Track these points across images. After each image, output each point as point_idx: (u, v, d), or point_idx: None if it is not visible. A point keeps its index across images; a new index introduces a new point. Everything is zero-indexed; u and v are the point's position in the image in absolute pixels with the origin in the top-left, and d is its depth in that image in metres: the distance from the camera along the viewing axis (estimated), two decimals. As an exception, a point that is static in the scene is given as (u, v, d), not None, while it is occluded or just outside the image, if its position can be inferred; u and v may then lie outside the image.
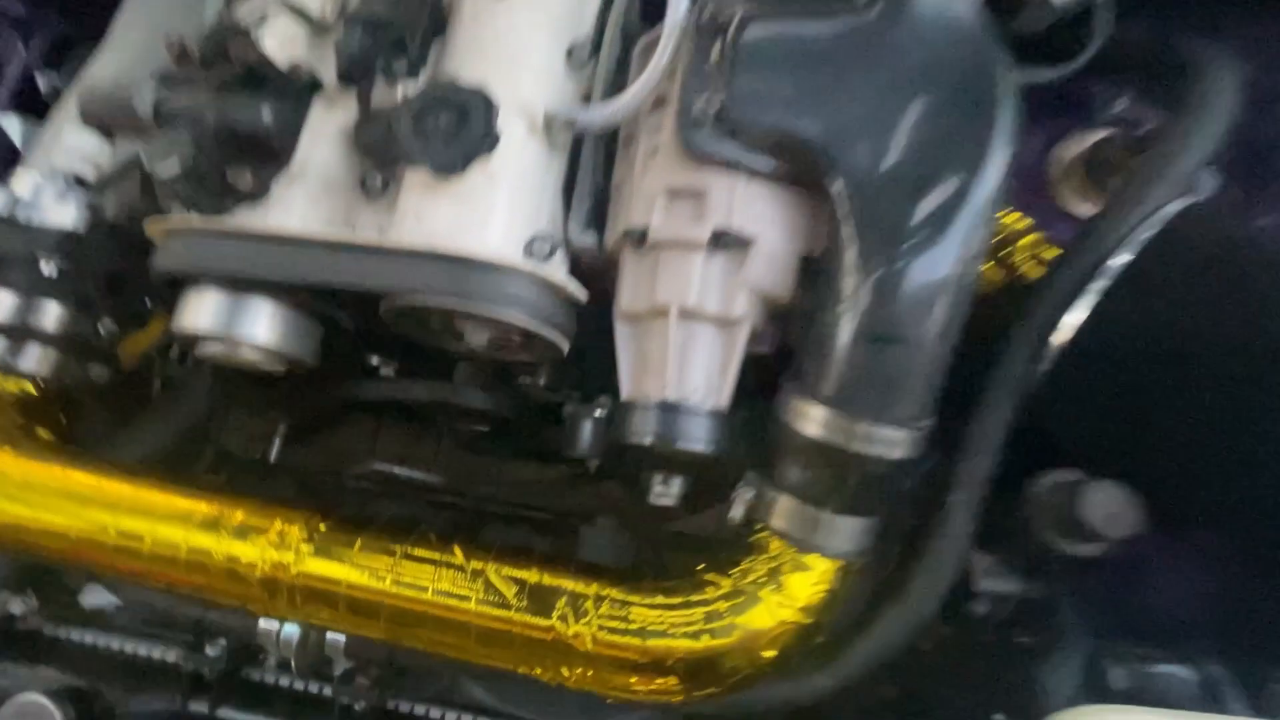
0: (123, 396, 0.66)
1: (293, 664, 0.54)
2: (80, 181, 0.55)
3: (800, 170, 0.46)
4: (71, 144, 0.59)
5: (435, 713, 0.53)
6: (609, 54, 0.55)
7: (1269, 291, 0.46)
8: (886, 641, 0.48)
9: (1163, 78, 0.53)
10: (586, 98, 0.53)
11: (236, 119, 0.47)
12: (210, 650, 0.54)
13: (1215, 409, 0.45)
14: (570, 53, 0.54)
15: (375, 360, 0.70)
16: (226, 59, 0.47)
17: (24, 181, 0.59)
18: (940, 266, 0.42)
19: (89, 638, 0.56)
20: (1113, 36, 0.48)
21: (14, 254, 0.57)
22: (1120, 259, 0.45)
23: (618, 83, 0.53)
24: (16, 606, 0.56)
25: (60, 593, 0.60)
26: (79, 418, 0.60)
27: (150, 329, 0.70)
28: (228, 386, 0.65)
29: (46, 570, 0.59)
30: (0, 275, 0.58)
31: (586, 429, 0.57)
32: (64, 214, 0.58)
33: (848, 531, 0.45)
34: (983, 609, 0.52)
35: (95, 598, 0.60)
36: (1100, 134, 0.64)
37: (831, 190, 0.44)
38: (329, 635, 0.54)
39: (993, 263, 0.56)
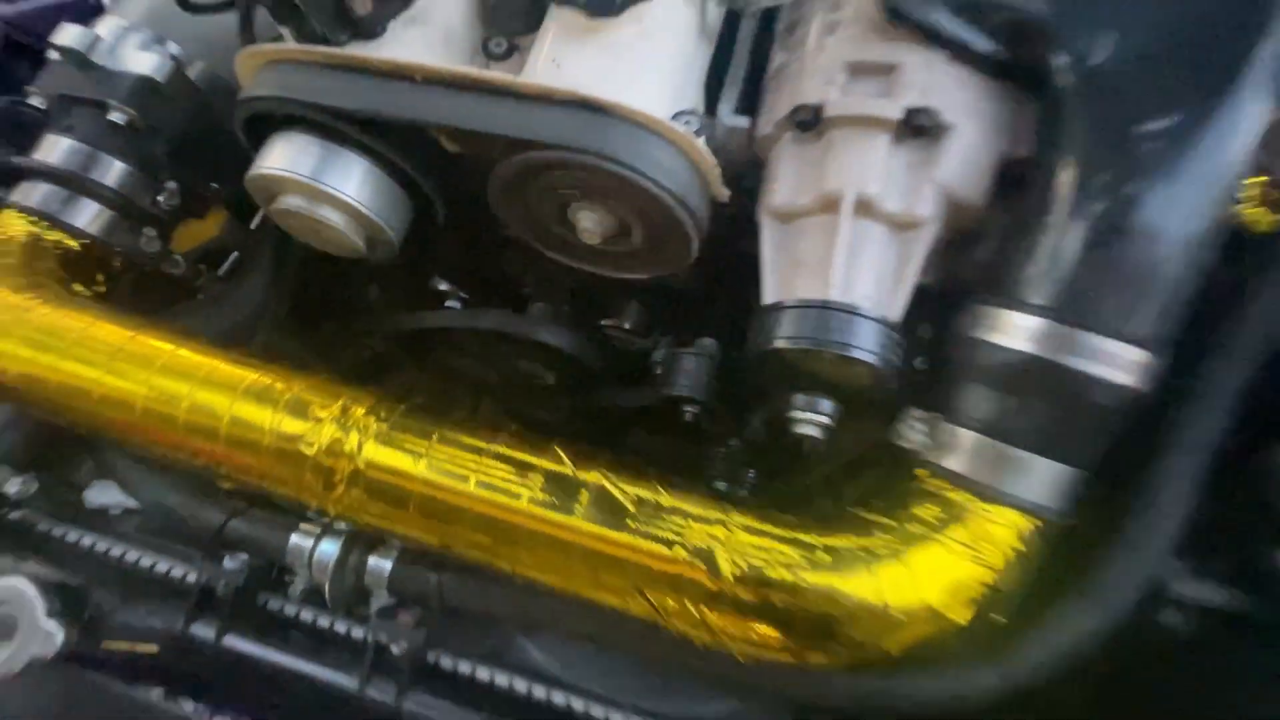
0: (160, 290, 0.59)
1: (326, 590, 0.44)
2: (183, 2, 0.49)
3: (1021, 55, 0.39)
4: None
5: (483, 673, 0.43)
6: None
7: None
8: (1074, 637, 0.38)
9: None
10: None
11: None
12: (229, 563, 0.45)
13: None
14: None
15: (444, 286, 0.64)
16: None
17: (108, 23, 0.53)
18: (1184, 183, 0.34)
19: (87, 540, 0.48)
20: None
21: (83, 96, 0.51)
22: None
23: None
24: (12, 486, 0.47)
25: (63, 487, 0.52)
26: (114, 292, 0.53)
27: (208, 221, 0.63)
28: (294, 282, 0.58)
29: (54, 456, 0.50)
30: (64, 119, 0.52)
31: (689, 364, 0.49)
32: (144, 60, 0.52)
33: (1049, 479, 0.36)
34: (1175, 620, 0.42)
35: (102, 495, 0.52)
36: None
37: (1062, 80, 0.37)
38: (371, 561, 0.45)
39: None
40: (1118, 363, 0.35)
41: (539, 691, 0.43)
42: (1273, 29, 0.36)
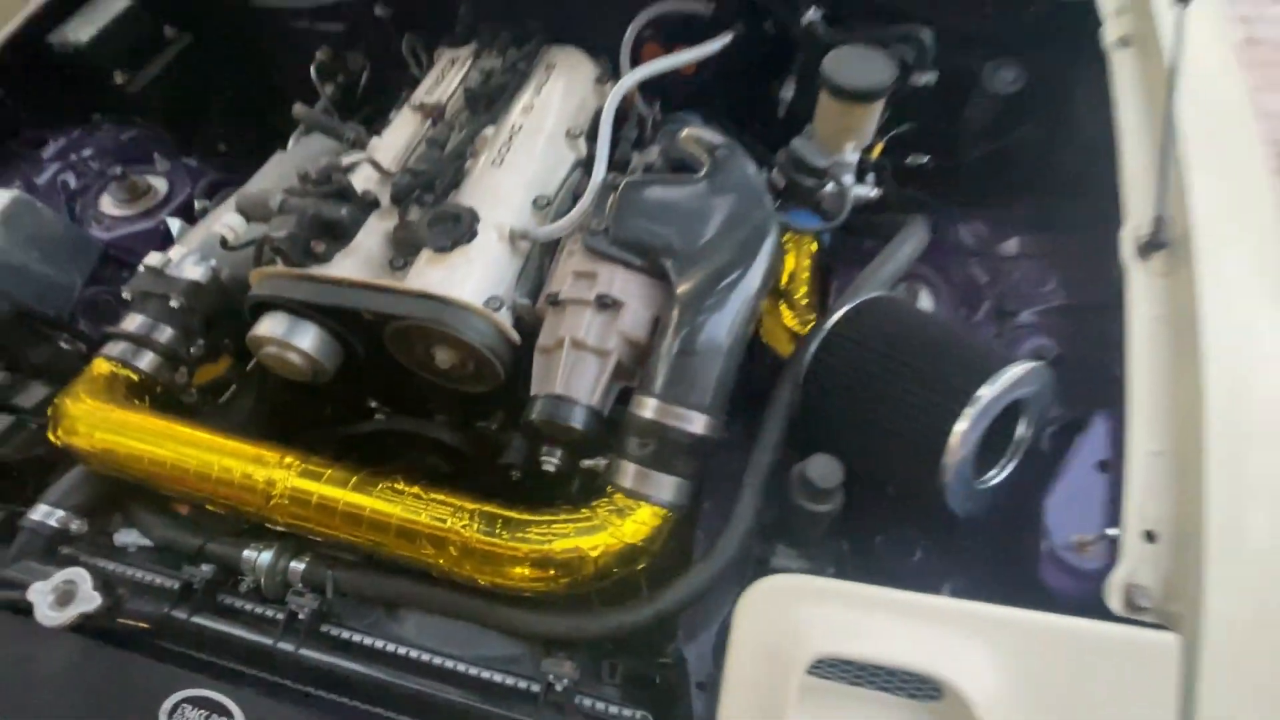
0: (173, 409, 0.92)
1: (261, 584, 0.71)
2: (223, 243, 0.86)
3: (652, 265, 0.75)
4: (214, 229, 0.91)
5: (357, 636, 0.68)
6: (560, 203, 0.89)
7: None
8: (695, 588, 0.65)
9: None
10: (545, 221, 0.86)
11: (325, 212, 0.79)
12: (204, 568, 0.71)
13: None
14: (535, 201, 0.88)
15: (373, 404, 0.97)
16: (329, 182, 0.81)
17: (177, 250, 0.91)
18: (730, 310, 0.69)
19: (112, 566, 0.74)
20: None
21: (156, 292, 0.87)
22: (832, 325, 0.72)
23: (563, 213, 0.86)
24: (74, 525, 0.74)
25: (99, 533, 0.79)
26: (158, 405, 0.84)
27: (219, 364, 0.97)
28: (270, 403, 0.91)
29: (99, 509, 0.78)
30: (142, 304, 0.87)
31: (518, 447, 0.80)
32: (194, 271, 0.88)
33: (669, 486, 0.66)
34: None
35: (125, 537, 0.79)
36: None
37: (671, 276, 0.73)
38: (292, 565, 0.72)
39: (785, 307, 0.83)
40: (693, 421, 0.66)
41: (392, 646, 0.68)
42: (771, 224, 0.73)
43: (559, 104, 0.98)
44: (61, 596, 0.66)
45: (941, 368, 0.62)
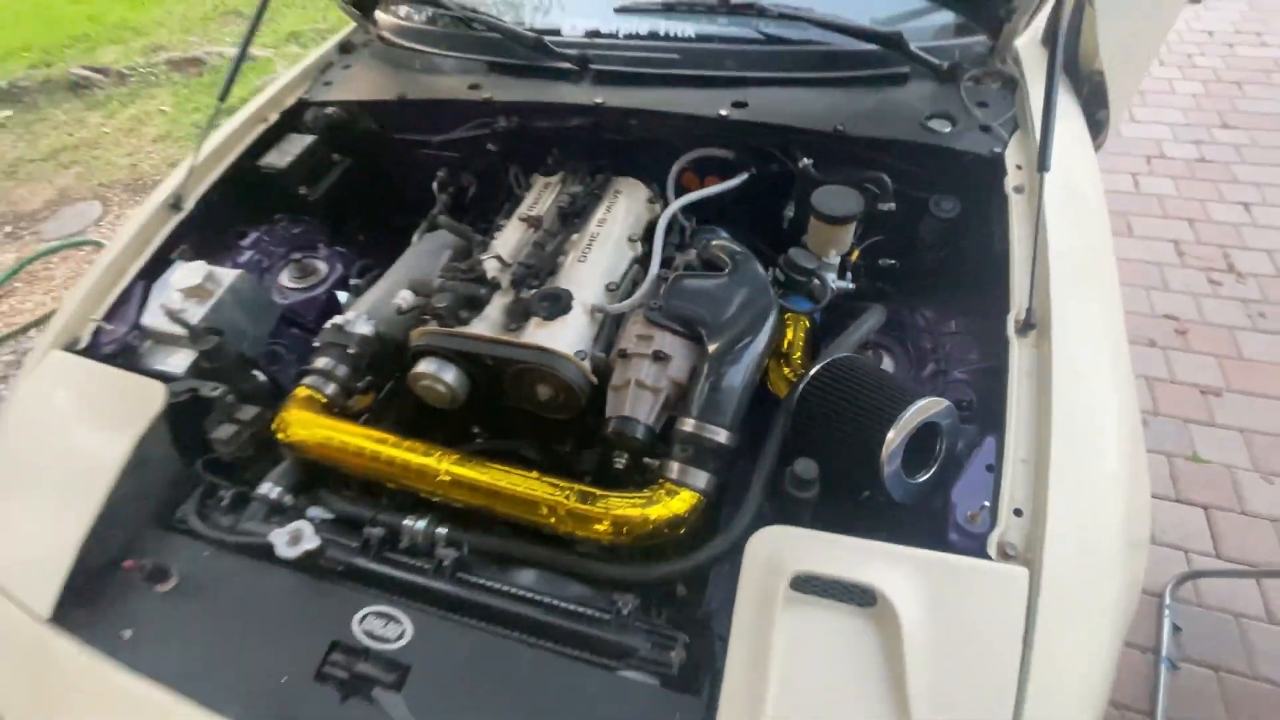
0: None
1: (417, 542, 1.02)
2: (398, 310, 1.23)
3: (691, 332, 1.11)
4: (387, 300, 1.28)
5: (489, 583, 0.98)
6: (624, 287, 1.26)
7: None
8: (721, 550, 0.95)
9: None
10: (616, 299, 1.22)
11: (470, 292, 1.16)
12: (376, 530, 1.03)
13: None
14: (607, 286, 1.24)
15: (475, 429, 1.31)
16: (473, 271, 1.19)
17: (349, 313, 1.28)
18: (744, 363, 1.04)
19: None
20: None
21: (338, 343, 1.23)
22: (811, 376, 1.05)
23: (626, 295, 1.22)
24: (286, 499, 1.07)
25: (295, 508, 1.11)
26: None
27: (369, 396, 1.32)
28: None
29: (299, 491, 1.11)
30: (327, 350, 1.23)
31: (588, 458, 1.13)
32: (364, 328, 1.25)
33: (702, 478, 0.98)
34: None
35: (313, 513, 1.10)
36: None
37: (704, 339, 1.08)
38: (437, 530, 1.03)
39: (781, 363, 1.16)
40: (719, 434, 0.99)
41: (507, 587, 0.98)
42: (773, 307, 1.08)
43: (623, 218, 1.37)
44: (293, 538, 0.99)
45: (880, 402, 0.95)
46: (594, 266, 1.26)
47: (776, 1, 1.39)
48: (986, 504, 0.87)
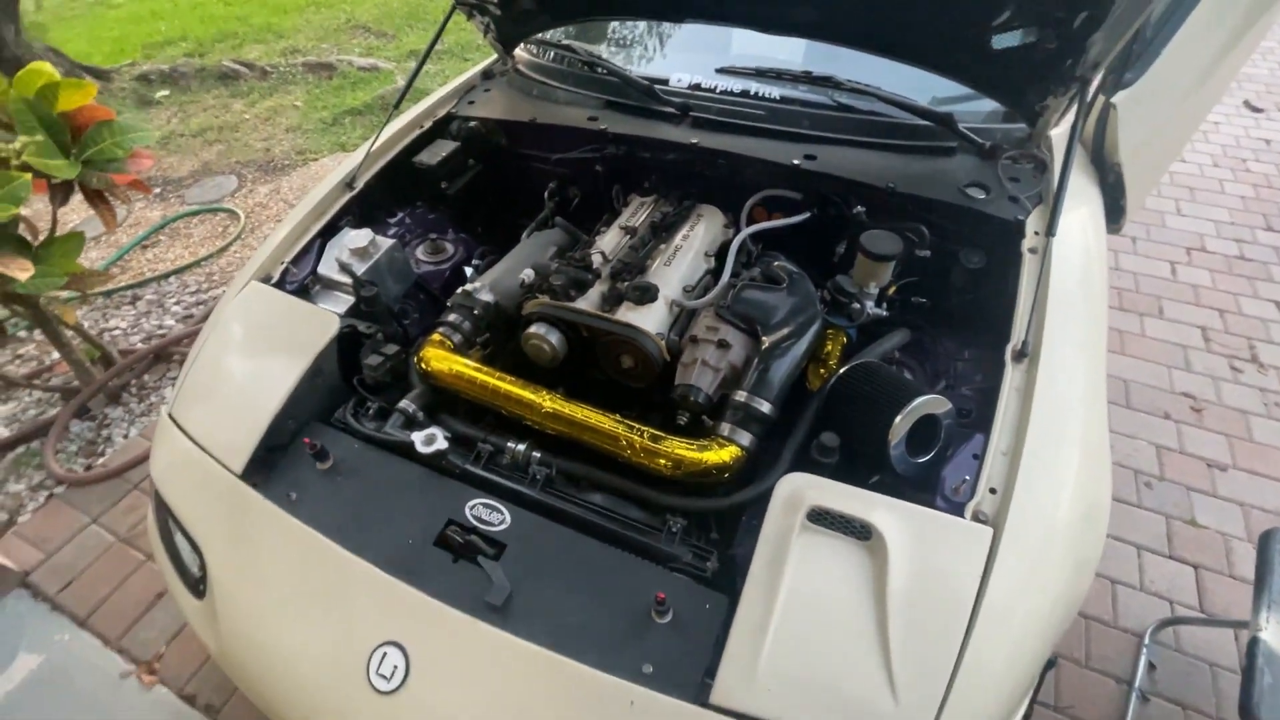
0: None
1: (517, 459, 1.31)
2: (521, 284, 1.56)
3: (750, 329, 1.39)
4: (509, 276, 1.61)
5: (570, 497, 1.26)
6: (698, 290, 1.55)
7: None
8: (753, 495, 1.21)
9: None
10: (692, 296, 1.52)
11: (579, 276, 1.47)
12: (486, 446, 1.32)
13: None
14: (685, 287, 1.54)
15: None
16: (582, 260, 1.50)
17: (474, 284, 1.60)
18: (790, 357, 1.31)
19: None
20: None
21: (467, 305, 1.55)
22: (843, 371, 1.31)
23: (699, 297, 1.51)
24: (419, 415, 1.38)
25: (423, 422, 1.42)
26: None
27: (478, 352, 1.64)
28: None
29: (432, 410, 1.42)
30: (458, 309, 1.55)
31: (652, 420, 1.41)
32: (487, 296, 1.57)
33: (745, 438, 1.25)
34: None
35: (431, 427, 1.41)
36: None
37: (760, 335, 1.36)
38: (533, 453, 1.32)
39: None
40: (763, 405, 1.26)
41: (583, 500, 1.27)
42: (817, 319, 1.36)
43: (702, 236, 1.67)
44: (428, 439, 1.29)
45: (894, 395, 1.21)
46: (676, 271, 1.56)
47: (851, 78, 1.69)
48: (968, 478, 1.11)
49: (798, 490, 1.10)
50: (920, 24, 1.50)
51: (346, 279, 1.61)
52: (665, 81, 1.90)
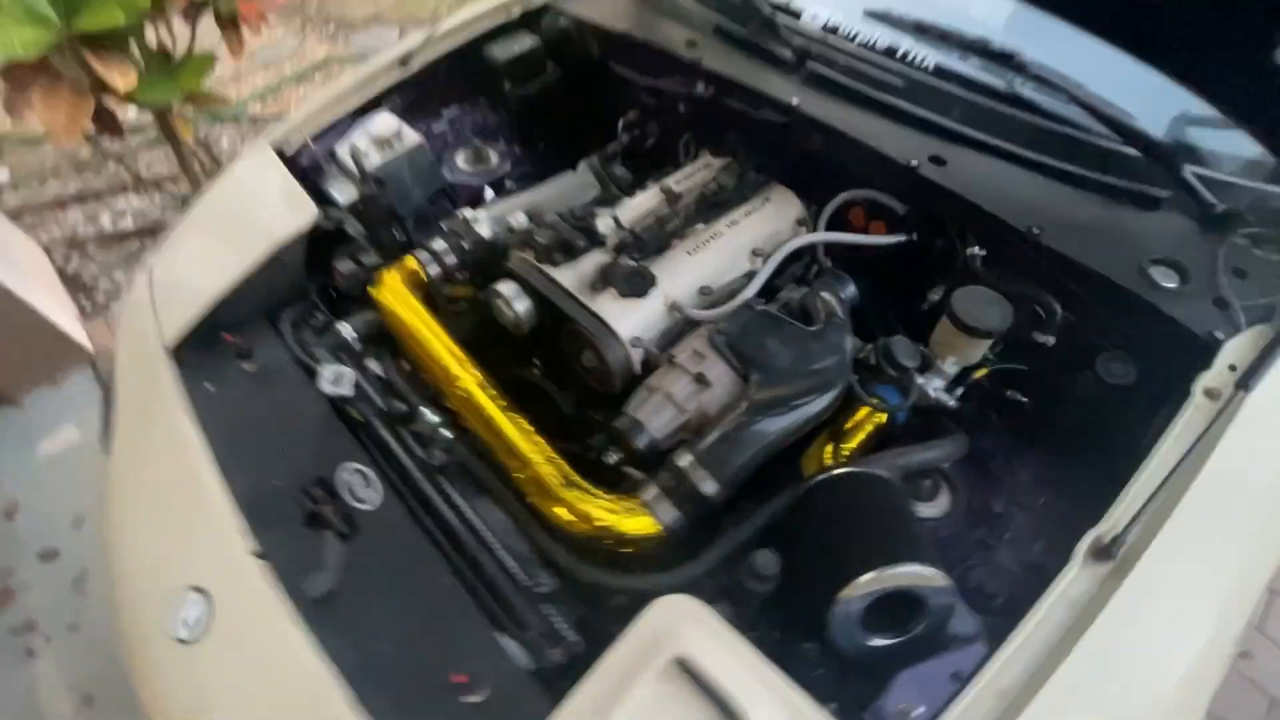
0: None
1: (425, 430, 1.13)
2: (509, 229, 1.31)
3: (743, 370, 1.04)
4: (508, 215, 1.36)
5: (458, 503, 1.07)
6: (720, 295, 1.21)
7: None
8: (653, 588, 0.93)
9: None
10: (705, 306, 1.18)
11: (571, 239, 1.18)
12: (400, 405, 1.16)
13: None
14: (701, 289, 1.20)
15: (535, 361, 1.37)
16: (582, 220, 1.21)
17: (481, 212, 1.37)
18: (773, 426, 0.96)
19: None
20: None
21: (459, 233, 1.34)
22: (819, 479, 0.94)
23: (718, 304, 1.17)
24: (357, 345, 1.24)
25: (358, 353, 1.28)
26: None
27: (466, 289, 1.44)
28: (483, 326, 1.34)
29: (376, 342, 1.27)
30: (447, 236, 1.34)
31: (601, 440, 1.14)
32: (484, 230, 1.34)
33: (669, 514, 0.95)
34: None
35: (372, 367, 1.27)
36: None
37: (750, 385, 1.01)
38: (442, 431, 1.12)
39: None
40: (708, 484, 0.94)
41: (464, 507, 1.06)
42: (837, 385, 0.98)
43: (758, 227, 1.29)
44: (335, 378, 1.13)
45: (880, 539, 0.83)
46: (699, 264, 1.22)
47: (1044, 65, 1.17)
48: (924, 710, 0.75)
49: (673, 623, 0.80)
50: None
51: (355, 168, 1.45)
52: (796, 15, 1.46)
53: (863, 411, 1.11)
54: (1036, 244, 1.07)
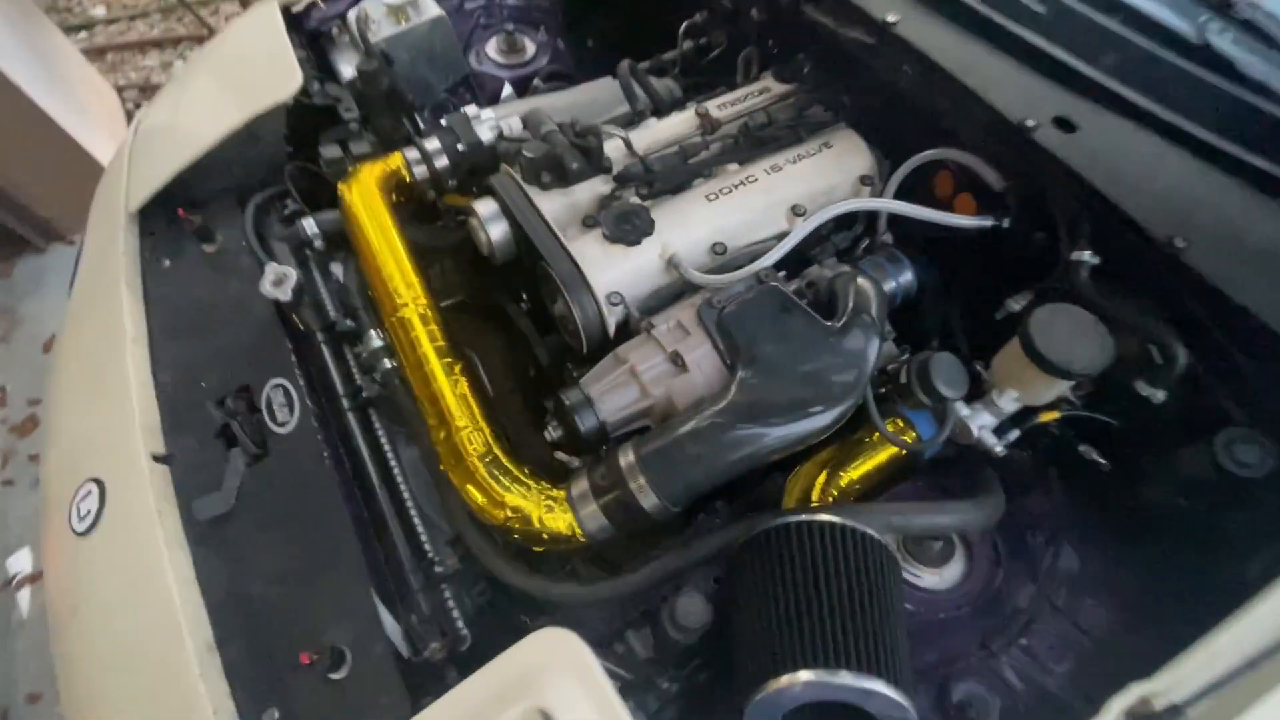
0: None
1: (365, 355, 0.99)
2: (500, 135, 1.10)
3: (731, 361, 0.82)
4: (508, 119, 1.14)
5: (381, 443, 0.94)
6: (735, 257, 0.97)
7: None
8: (565, 600, 0.78)
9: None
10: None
11: (565, 159, 0.96)
12: (348, 322, 1.02)
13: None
14: (714, 246, 0.97)
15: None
16: (583, 138, 0.98)
17: (488, 111, 1.16)
18: (750, 440, 0.75)
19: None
20: None
21: (457, 132, 1.14)
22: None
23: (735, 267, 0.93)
24: (318, 243, 1.09)
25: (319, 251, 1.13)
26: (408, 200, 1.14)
27: (463, 198, 1.25)
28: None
29: (333, 244, 1.13)
30: (444, 134, 1.14)
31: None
32: (485, 134, 1.13)
33: (595, 522, 0.77)
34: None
35: (337, 270, 1.13)
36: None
37: (734, 381, 0.79)
38: (385, 361, 0.97)
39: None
40: (648, 497, 0.75)
41: (390, 451, 0.93)
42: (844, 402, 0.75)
43: (807, 179, 1.02)
44: (277, 280, 1.00)
45: (826, 621, 0.63)
46: (719, 214, 0.98)
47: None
48: None
49: (547, 665, 0.65)
50: None
51: (358, 38, 1.26)
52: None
53: (872, 437, 0.88)
54: (1175, 261, 0.77)
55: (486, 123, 1.14)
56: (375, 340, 0.99)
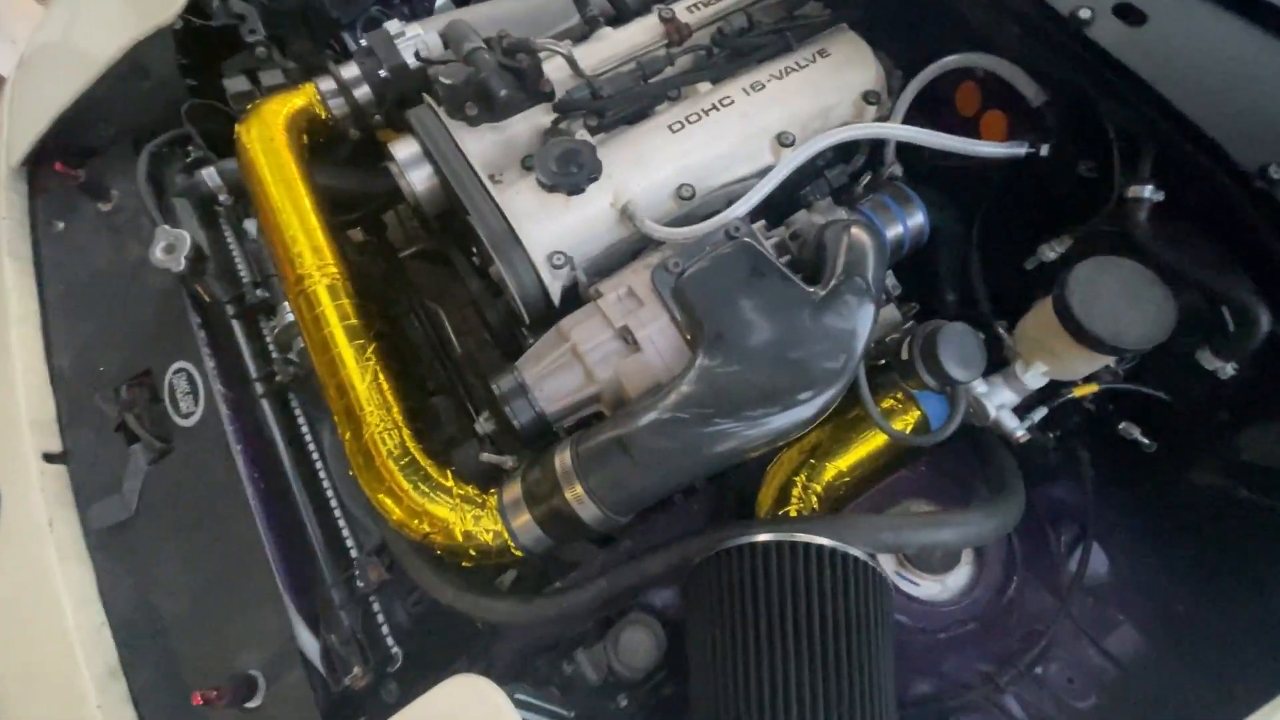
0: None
1: (279, 332, 0.85)
2: (416, 55, 0.91)
3: (692, 338, 0.67)
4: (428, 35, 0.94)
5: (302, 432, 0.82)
6: (707, 201, 0.79)
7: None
8: (498, 618, 0.67)
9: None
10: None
11: (491, 84, 0.77)
12: (259, 294, 0.87)
13: None
14: (679, 189, 0.79)
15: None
16: (514, 56, 0.79)
17: (414, 27, 0.96)
18: (702, 447, 0.61)
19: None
20: None
21: (377, 55, 0.95)
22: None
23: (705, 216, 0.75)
24: (222, 196, 0.93)
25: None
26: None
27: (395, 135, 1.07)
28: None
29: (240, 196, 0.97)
30: (363, 59, 0.95)
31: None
32: (408, 54, 0.93)
33: (530, 535, 0.65)
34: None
35: (251, 228, 0.98)
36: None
37: (694, 365, 0.64)
38: (297, 340, 0.84)
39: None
40: (587, 508, 0.62)
41: (310, 440, 0.81)
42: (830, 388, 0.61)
43: (795, 100, 0.83)
44: (168, 247, 0.85)
45: (793, 665, 0.52)
46: (686, 148, 0.80)
47: None
48: None
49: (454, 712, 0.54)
50: None
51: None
52: None
53: (863, 425, 0.73)
54: (1269, 198, 0.58)
55: (412, 40, 0.95)
56: (290, 313, 0.85)
